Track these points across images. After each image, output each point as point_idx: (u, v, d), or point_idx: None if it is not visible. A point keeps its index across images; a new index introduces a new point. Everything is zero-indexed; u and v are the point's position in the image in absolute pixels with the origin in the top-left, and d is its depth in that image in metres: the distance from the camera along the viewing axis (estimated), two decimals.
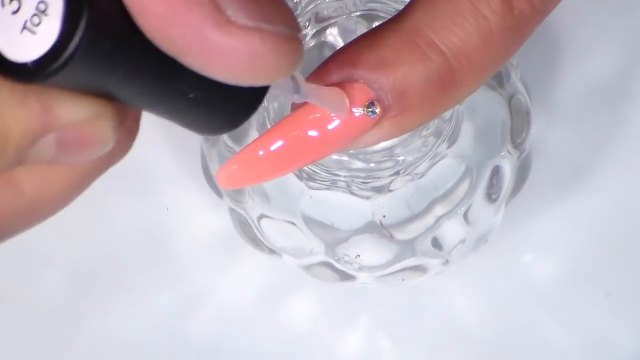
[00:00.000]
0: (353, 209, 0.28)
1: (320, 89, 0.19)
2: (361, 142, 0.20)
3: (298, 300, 0.36)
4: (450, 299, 0.36)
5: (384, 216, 0.28)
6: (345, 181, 0.28)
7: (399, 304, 0.36)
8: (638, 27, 0.36)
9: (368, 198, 0.28)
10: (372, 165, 0.27)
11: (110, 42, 0.14)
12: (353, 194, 0.28)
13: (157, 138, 0.36)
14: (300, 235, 0.29)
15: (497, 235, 0.32)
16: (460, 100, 0.20)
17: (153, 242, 0.36)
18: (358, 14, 0.28)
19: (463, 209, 0.29)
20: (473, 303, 0.36)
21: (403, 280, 0.31)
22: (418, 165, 0.27)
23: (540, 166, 0.35)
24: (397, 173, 0.27)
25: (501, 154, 0.29)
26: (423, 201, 0.29)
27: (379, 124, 0.19)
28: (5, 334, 0.36)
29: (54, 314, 0.36)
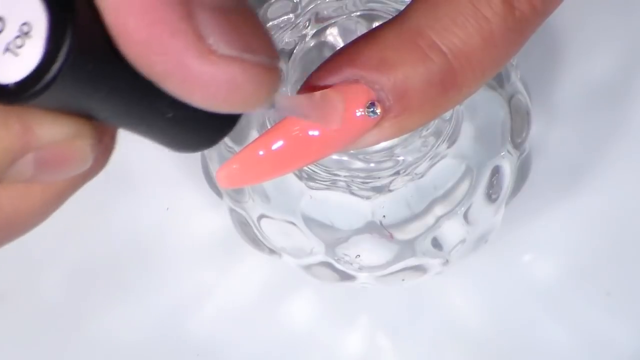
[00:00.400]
0: (353, 209, 0.28)
1: (305, 102, 0.19)
2: (361, 143, 0.20)
3: (298, 300, 0.36)
4: (450, 299, 0.36)
5: (384, 216, 0.28)
6: (345, 181, 0.27)
7: (399, 304, 0.36)
8: (638, 27, 0.36)
9: (368, 198, 0.28)
10: (372, 165, 0.27)
11: (92, 65, 0.15)
12: (353, 194, 0.28)
13: None
14: (300, 235, 0.29)
15: (497, 235, 0.32)
16: (460, 101, 0.20)
17: (153, 243, 0.36)
18: (358, 14, 0.28)
19: (463, 209, 0.29)
20: (473, 303, 0.36)
21: (403, 280, 0.31)
22: (418, 165, 0.27)
23: (540, 166, 0.35)
24: (397, 173, 0.27)
25: (501, 154, 0.29)
26: (423, 201, 0.29)
27: (379, 124, 0.19)
28: (5, 334, 0.36)
29: (54, 314, 0.36)
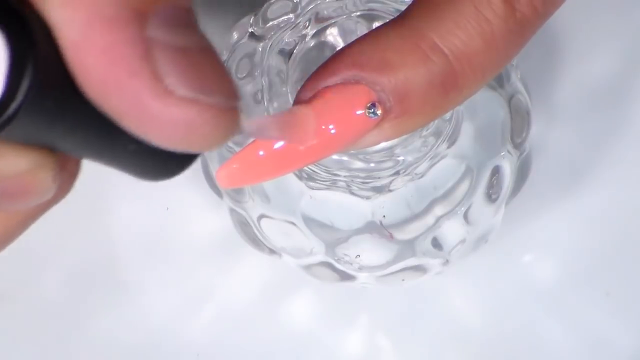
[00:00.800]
0: (353, 209, 0.28)
1: (273, 124, 0.19)
2: (362, 143, 0.20)
3: (298, 300, 0.36)
4: (450, 299, 0.36)
5: (384, 216, 0.28)
6: (345, 181, 0.27)
7: (399, 304, 0.36)
8: (638, 27, 0.36)
9: (368, 198, 0.28)
10: (372, 165, 0.27)
11: (53, 101, 0.15)
12: (353, 194, 0.28)
13: None
14: (300, 235, 0.29)
15: (497, 235, 0.32)
16: (461, 102, 0.20)
17: (153, 242, 0.36)
18: (358, 14, 0.28)
19: (463, 209, 0.29)
20: (473, 303, 0.36)
21: (403, 280, 0.31)
22: (418, 165, 0.27)
23: (540, 166, 0.35)
24: (397, 173, 0.27)
25: (501, 154, 0.29)
26: (423, 201, 0.29)
27: (379, 125, 0.19)
28: (5, 334, 0.36)
29: (54, 314, 0.36)
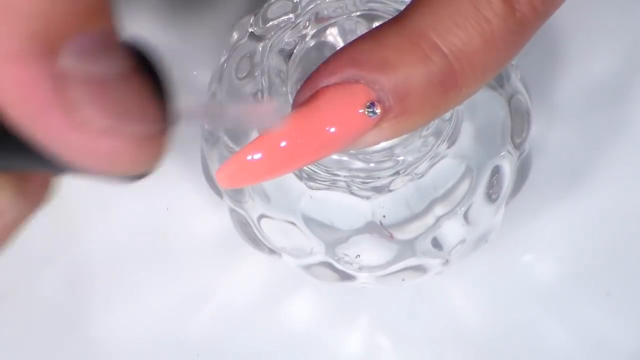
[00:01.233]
0: (353, 209, 0.28)
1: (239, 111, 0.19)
2: (361, 143, 0.20)
3: (298, 300, 0.36)
4: (450, 299, 0.36)
5: (384, 216, 0.28)
6: (345, 181, 0.27)
7: (399, 304, 0.36)
8: (638, 27, 0.36)
9: (368, 198, 0.28)
10: (372, 165, 0.27)
11: None
12: (353, 194, 0.28)
13: None
14: (300, 235, 0.29)
15: (497, 235, 0.32)
16: (461, 102, 0.20)
17: (153, 242, 0.36)
18: (358, 14, 0.28)
19: (463, 209, 0.29)
20: (473, 303, 0.36)
21: (403, 280, 0.31)
22: (418, 165, 0.27)
23: (540, 166, 0.35)
24: (397, 173, 0.27)
25: (501, 154, 0.29)
26: (423, 201, 0.29)
27: (379, 124, 0.19)
28: (5, 334, 0.36)
29: (54, 314, 0.36)
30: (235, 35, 0.30)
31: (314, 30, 0.28)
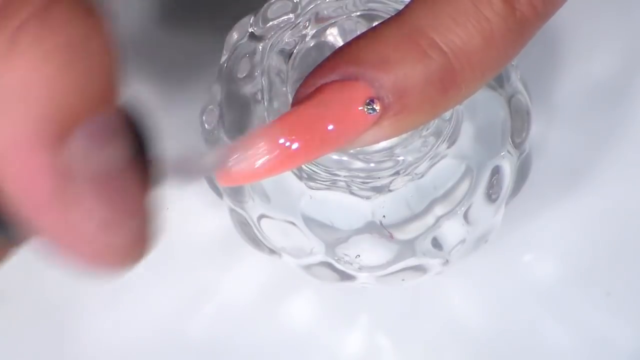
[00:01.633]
0: (353, 209, 0.28)
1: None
2: (361, 142, 0.20)
3: (298, 300, 0.36)
4: (450, 299, 0.36)
5: (384, 216, 0.28)
6: (345, 181, 0.27)
7: (399, 304, 0.36)
8: (638, 27, 0.36)
9: (368, 198, 0.28)
10: (372, 165, 0.27)
11: None
12: (353, 194, 0.28)
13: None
14: (300, 235, 0.29)
15: (497, 235, 0.32)
16: (460, 101, 0.20)
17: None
18: (358, 14, 0.28)
19: (463, 209, 0.29)
20: (473, 303, 0.36)
21: (403, 280, 0.31)
22: (418, 165, 0.27)
23: (540, 166, 0.35)
24: (397, 173, 0.27)
25: (501, 154, 0.29)
26: (423, 201, 0.29)
27: (378, 123, 0.19)
28: (5, 334, 0.36)
29: (54, 314, 0.36)
30: (235, 35, 0.30)
31: (314, 30, 0.28)
